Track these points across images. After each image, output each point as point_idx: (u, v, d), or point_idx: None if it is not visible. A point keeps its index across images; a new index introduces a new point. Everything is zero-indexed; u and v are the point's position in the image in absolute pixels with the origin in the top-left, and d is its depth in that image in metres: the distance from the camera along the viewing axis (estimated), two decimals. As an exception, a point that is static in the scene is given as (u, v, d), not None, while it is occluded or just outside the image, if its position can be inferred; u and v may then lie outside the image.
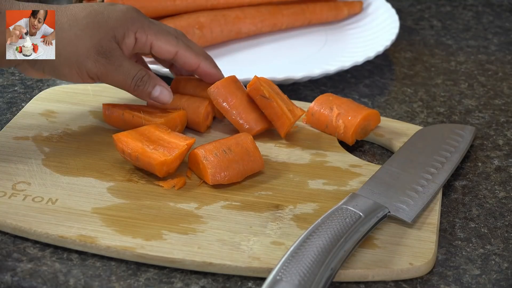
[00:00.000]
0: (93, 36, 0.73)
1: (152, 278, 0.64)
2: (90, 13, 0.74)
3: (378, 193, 0.71)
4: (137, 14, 0.76)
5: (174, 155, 0.72)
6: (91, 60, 0.74)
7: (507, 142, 0.85)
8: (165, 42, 0.77)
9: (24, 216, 0.68)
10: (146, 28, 0.76)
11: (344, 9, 1.08)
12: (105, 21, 0.74)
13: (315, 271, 0.60)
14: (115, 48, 0.74)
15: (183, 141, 0.74)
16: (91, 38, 0.73)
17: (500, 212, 0.74)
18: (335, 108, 0.81)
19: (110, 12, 0.75)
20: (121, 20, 0.75)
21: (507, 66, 1.02)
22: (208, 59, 0.80)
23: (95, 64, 0.74)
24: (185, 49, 0.78)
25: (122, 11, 0.75)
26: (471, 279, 0.66)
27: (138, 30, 0.76)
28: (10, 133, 0.79)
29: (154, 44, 0.77)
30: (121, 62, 0.75)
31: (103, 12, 0.74)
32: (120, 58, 0.75)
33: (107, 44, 0.74)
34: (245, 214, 0.70)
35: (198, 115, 0.79)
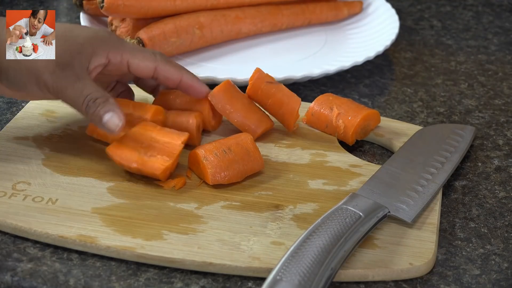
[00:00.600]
0: (57, 47, 0.71)
1: (152, 278, 0.64)
2: (59, 27, 0.72)
3: (378, 193, 0.71)
4: (110, 35, 0.74)
5: (173, 158, 0.72)
6: (48, 71, 0.70)
7: (507, 142, 0.85)
8: (143, 59, 0.74)
9: (24, 216, 0.68)
10: (119, 47, 0.73)
11: (344, 9, 1.08)
12: (74, 37, 0.72)
13: (315, 271, 0.60)
14: (77, 63, 0.71)
15: (178, 140, 0.73)
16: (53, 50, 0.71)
17: (500, 212, 0.74)
18: (335, 108, 0.81)
19: (81, 30, 0.73)
20: (91, 38, 0.72)
21: (507, 66, 1.02)
22: (189, 73, 0.77)
23: (51, 76, 0.70)
24: (164, 63, 0.75)
25: (94, 31, 0.73)
26: (471, 279, 0.66)
27: (111, 50, 0.73)
28: (10, 133, 0.79)
29: (131, 62, 0.74)
30: (77, 79, 0.70)
31: (74, 29, 0.73)
32: (79, 74, 0.70)
33: (68, 57, 0.70)
34: (245, 214, 0.70)
35: (191, 128, 0.78)
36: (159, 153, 0.72)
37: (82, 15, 1.01)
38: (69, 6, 1.13)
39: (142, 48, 0.75)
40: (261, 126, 0.80)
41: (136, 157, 0.72)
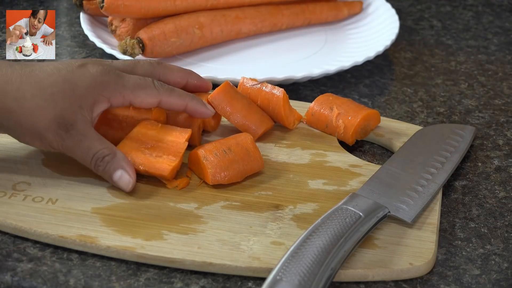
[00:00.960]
0: (56, 107, 0.69)
1: (152, 278, 0.64)
2: (56, 81, 0.69)
3: (378, 193, 0.71)
4: (109, 77, 0.71)
5: (179, 157, 0.72)
6: (51, 133, 0.69)
7: (507, 142, 0.85)
8: (145, 97, 0.73)
9: (24, 216, 0.68)
10: (120, 89, 0.71)
11: (344, 9, 1.08)
12: (72, 89, 0.69)
13: (315, 271, 0.60)
14: (79, 120, 0.69)
15: (181, 138, 0.73)
16: (53, 110, 0.69)
17: (500, 212, 0.74)
18: (335, 108, 0.81)
19: (78, 79, 0.70)
20: (90, 87, 0.70)
21: (507, 66, 1.02)
22: (193, 99, 0.76)
23: (55, 138, 0.69)
24: (167, 95, 0.74)
25: (92, 77, 0.70)
26: (471, 279, 0.66)
27: (111, 95, 0.71)
28: (10, 133, 0.79)
29: (134, 102, 0.73)
30: (82, 138, 0.69)
31: (70, 79, 0.69)
32: (82, 132, 0.69)
33: (69, 116, 0.69)
34: (245, 214, 0.70)
35: (191, 128, 0.77)
36: (165, 153, 0.72)
37: (82, 15, 1.01)
38: (69, 6, 1.12)
39: (144, 83, 0.73)
40: (261, 126, 0.80)
41: (142, 159, 0.71)
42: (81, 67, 0.70)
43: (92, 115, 0.71)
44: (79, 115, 0.69)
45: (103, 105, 0.71)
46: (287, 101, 0.81)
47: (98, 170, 0.70)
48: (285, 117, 0.81)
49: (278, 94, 0.80)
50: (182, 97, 0.75)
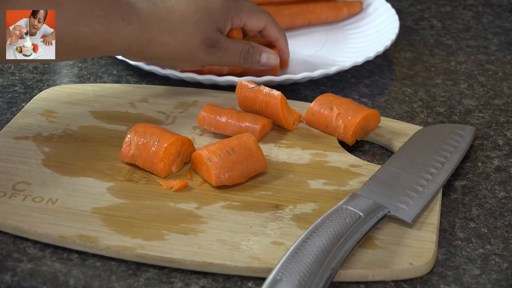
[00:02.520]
0: (202, 31, 0.83)
1: (152, 278, 0.64)
2: (196, 11, 0.83)
3: (378, 193, 0.71)
4: (231, 2, 0.87)
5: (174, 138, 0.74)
6: (203, 52, 0.84)
7: (507, 142, 0.85)
8: (256, 20, 0.89)
9: (24, 216, 0.68)
10: (239, 12, 0.87)
11: (344, 9, 1.08)
12: (210, 15, 0.84)
13: (315, 271, 0.60)
14: (219, 36, 0.85)
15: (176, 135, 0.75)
16: (200, 34, 0.83)
17: (500, 212, 0.74)
18: (335, 108, 0.81)
19: (212, 6, 0.85)
20: (222, 12, 0.85)
21: (507, 66, 1.02)
22: (285, 38, 0.93)
23: (207, 55, 0.84)
24: (271, 24, 0.90)
25: (220, 3, 0.85)
26: (471, 279, 0.66)
27: (234, 16, 0.87)
28: (10, 133, 0.79)
29: (247, 23, 0.89)
30: (227, 45, 0.85)
31: (205, 7, 0.84)
32: (226, 42, 0.85)
33: (213, 36, 0.84)
34: (245, 214, 0.70)
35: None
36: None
37: None
38: (69, 6, 1.12)
39: (256, 9, 0.89)
40: (258, 123, 0.79)
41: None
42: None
43: (225, 32, 0.87)
44: (218, 33, 0.85)
45: (229, 24, 0.87)
46: (285, 103, 0.81)
47: (247, 62, 0.88)
48: (284, 119, 0.81)
49: (276, 96, 0.80)
50: (280, 31, 0.92)
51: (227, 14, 0.86)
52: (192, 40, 0.83)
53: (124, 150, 0.75)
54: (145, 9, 0.81)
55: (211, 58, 0.85)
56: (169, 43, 0.82)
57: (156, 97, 0.87)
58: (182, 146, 0.75)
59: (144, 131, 0.75)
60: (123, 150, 0.75)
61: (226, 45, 0.86)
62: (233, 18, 0.87)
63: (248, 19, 0.89)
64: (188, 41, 0.83)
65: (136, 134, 0.75)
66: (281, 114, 0.80)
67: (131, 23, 0.79)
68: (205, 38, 0.84)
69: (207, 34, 0.84)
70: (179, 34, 0.82)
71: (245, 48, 0.87)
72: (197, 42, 0.83)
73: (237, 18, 0.88)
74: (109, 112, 0.84)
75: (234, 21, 0.88)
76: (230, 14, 0.87)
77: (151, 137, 0.74)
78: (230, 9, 0.87)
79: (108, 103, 0.85)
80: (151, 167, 0.74)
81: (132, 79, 0.93)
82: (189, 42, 0.83)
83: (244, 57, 0.87)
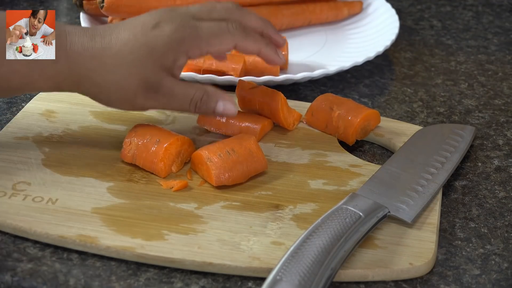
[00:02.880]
0: (139, 73, 0.71)
1: (152, 278, 0.64)
2: (133, 47, 0.71)
3: (378, 193, 0.71)
4: (183, 32, 0.72)
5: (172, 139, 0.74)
6: (141, 97, 0.72)
7: (507, 142, 0.85)
8: (220, 44, 0.73)
9: (24, 216, 0.68)
10: (197, 42, 0.72)
11: (344, 9, 1.08)
12: (150, 53, 0.71)
13: (315, 271, 0.60)
14: (163, 77, 0.72)
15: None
16: (137, 76, 0.71)
17: (500, 212, 0.74)
18: (335, 108, 0.81)
19: (154, 42, 0.71)
20: (167, 47, 0.71)
21: (507, 66, 1.02)
22: (269, 45, 0.76)
23: (146, 100, 0.72)
24: (243, 39, 0.74)
25: (168, 36, 0.71)
26: (471, 279, 0.66)
27: (189, 49, 0.72)
28: (10, 133, 0.79)
29: (210, 51, 0.74)
30: (173, 91, 0.72)
31: (147, 43, 0.71)
32: (171, 86, 0.72)
33: (154, 78, 0.71)
34: (245, 214, 0.70)
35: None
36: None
37: (82, 15, 1.01)
38: (69, 6, 1.13)
39: (218, 31, 0.73)
40: (258, 123, 0.79)
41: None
42: (155, 28, 0.71)
43: (174, 72, 0.73)
44: (162, 74, 0.71)
45: (182, 60, 0.73)
46: (285, 103, 0.81)
47: (200, 111, 0.74)
48: (283, 119, 0.81)
49: (276, 96, 0.80)
50: (257, 42, 0.76)
51: (177, 48, 0.71)
52: (127, 83, 0.71)
53: (124, 150, 0.75)
54: (76, 43, 0.71)
55: (152, 103, 0.73)
56: (100, 84, 0.71)
57: (156, 97, 0.87)
58: (182, 146, 0.75)
59: (144, 131, 0.75)
60: (123, 150, 0.75)
61: (171, 91, 0.72)
62: (188, 51, 0.72)
63: (210, 46, 0.73)
64: (122, 84, 0.71)
65: (136, 134, 0.75)
66: (281, 114, 0.80)
67: (57, 61, 0.70)
68: (143, 81, 0.71)
69: (146, 76, 0.71)
70: (112, 76, 0.71)
71: (197, 96, 0.73)
72: (132, 85, 0.71)
73: (194, 50, 0.72)
74: (109, 112, 0.84)
75: (191, 53, 0.72)
76: (183, 47, 0.72)
77: (151, 137, 0.74)
78: (181, 43, 0.71)
79: (108, 103, 0.85)
80: (151, 167, 0.74)
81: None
82: (123, 85, 0.71)
83: (195, 105, 0.73)
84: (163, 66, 0.71)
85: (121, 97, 0.72)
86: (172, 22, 0.72)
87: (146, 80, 0.71)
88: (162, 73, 0.72)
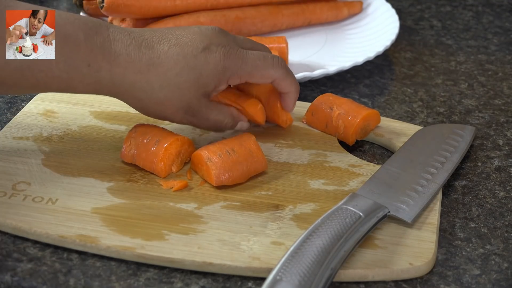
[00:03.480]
0: (182, 96, 0.72)
1: (152, 278, 0.64)
2: (182, 70, 0.71)
3: (378, 193, 0.71)
4: (230, 61, 0.73)
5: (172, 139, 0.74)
6: (178, 117, 0.74)
7: (507, 142, 0.85)
8: (260, 78, 0.76)
9: (24, 216, 0.68)
10: (239, 72, 0.74)
11: (344, 9, 1.08)
12: (197, 79, 0.72)
13: (315, 271, 0.60)
14: (203, 104, 0.74)
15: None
16: (180, 100, 0.72)
17: (500, 212, 0.74)
18: (335, 108, 0.81)
19: (203, 67, 0.72)
20: (213, 75, 0.73)
21: (507, 66, 1.02)
22: (297, 92, 0.79)
23: (181, 120, 0.75)
24: (282, 78, 0.76)
25: (215, 63, 0.72)
26: (471, 279, 0.66)
27: (230, 78, 0.74)
28: (10, 133, 0.79)
29: (249, 81, 0.76)
30: (208, 117, 0.75)
31: (195, 68, 0.72)
32: (206, 113, 0.75)
33: (195, 104, 0.73)
34: (245, 214, 0.70)
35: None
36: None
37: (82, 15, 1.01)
38: (69, 6, 1.13)
39: (262, 64, 0.75)
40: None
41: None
42: (205, 51, 0.72)
43: (211, 95, 0.75)
44: (202, 100, 0.74)
45: (223, 86, 0.75)
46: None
47: (219, 130, 0.78)
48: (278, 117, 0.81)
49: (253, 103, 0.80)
50: (292, 85, 0.78)
51: (220, 77, 0.73)
52: (169, 104, 0.72)
53: (124, 150, 0.75)
54: (122, 54, 0.70)
55: (185, 122, 0.75)
56: (142, 100, 0.72)
57: (156, 97, 0.87)
58: (182, 146, 0.75)
59: (144, 131, 0.75)
60: (123, 150, 0.75)
61: (206, 117, 0.75)
62: (230, 79, 0.74)
63: (250, 77, 0.75)
64: (165, 103, 0.72)
65: (136, 134, 0.75)
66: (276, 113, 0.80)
67: (99, 70, 0.70)
68: (185, 105, 0.73)
69: (189, 101, 0.73)
70: (155, 94, 0.72)
71: (226, 124, 0.77)
72: (174, 106, 0.73)
73: (235, 78, 0.74)
74: (109, 112, 0.84)
75: (232, 81, 0.74)
76: (225, 76, 0.73)
77: (151, 137, 0.74)
78: (226, 71, 0.73)
79: (108, 103, 0.85)
80: (151, 167, 0.74)
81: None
82: (165, 105, 0.73)
83: (220, 129, 0.77)
84: (205, 92, 0.73)
85: (159, 113, 0.74)
86: (221, 47, 0.73)
87: (187, 104, 0.73)
88: (203, 99, 0.74)
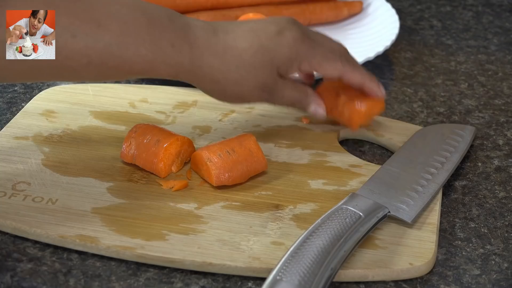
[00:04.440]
0: (258, 76, 0.74)
1: (152, 278, 0.64)
2: (257, 51, 0.74)
3: (378, 193, 0.71)
4: (302, 46, 0.76)
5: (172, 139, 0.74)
6: (255, 96, 0.76)
7: (507, 142, 0.85)
8: (329, 69, 0.77)
9: (24, 216, 0.68)
10: (310, 58, 0.76)
11: (344, 9, 1.08)
12: (271, 60, 0.74)
13: (315, 271, 0.60)
14: (277, 83, 0.76)
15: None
16: (256, 78, 0.74)
17: (500, 212, 0.74)
18: (341, 92, 0.80)
19: (276, 49, 0.75)
20: (286, 58, 0.75)
21: (507, 66, 1.02)
22: (372, 80, 0.80)
23: (258, 98, 0.76)
24: (350, 71, 0.78)
25: (289, 46, 0.75)
26: (471, 279, 0.66)
27: (302, 63, 0.76)
28: (10, 133, 0.79)
29: (318, 71, 0.78)
30: (283, 94, 0.77)
31: (269, 49, 0.74)
32: (282, 90, 0.77)
33: (270, 82, 0.75)
34: (245, 214, 0.70)
35: None
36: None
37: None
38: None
39: (331, 57, 0.77)
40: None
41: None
42: (279, 35, 0.75)
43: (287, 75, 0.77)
44: (277, 78, 0.76)
45: (294, 70, 0.77)
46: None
47: (295, 108, 0.80)
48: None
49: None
50: (362, 76, 0.79)
51: (293, 61, 0.76)
52: (245, 83, 0.75)
53: (124, 150, 0.75)
54: (200, 38, 0.73)
55: (261, 100, 0.77)
56: (220, 81, 0.74)
57: (156, 97, 0.87)
58: (182, 146, 0.75)
59: (144, 131, 0.75)
60: (123, 150, 0.75)
61: (281, 94, 0.77)
62: (300, 65, 0.76)
63: (319, 67, 0.77)
64: (241, 82, 0.74)
65: (136, 134, 0.75)
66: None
67: (180, 52, 0.72)
68: (260, 84, 0.75)
69: (264, 80, 0.75)
70: (232, 74, 0.74)
71: (299, 99, 0.79)
72: (251, 85, 0.75)
73: (305, 65, 0.77)
74: (109, 112, 0.84)
75: (302, 67, 0.77)
76: (297, 61, 0.76)
77: (151, 137, 0.74)
78: (298, 55, 0.76)
79: (108, 103, 0.85)
80: (151, 167, 0.74)
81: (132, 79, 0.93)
82: (241, 84, 0.74)
83: (293, 106, 0.79)
84: (279, 72, 0.76)
85: (236, 94, 0.75)
86: (294, 31, 0.76)
87: (263, 82, 0.75)
88: (278, 77, 0.76)
